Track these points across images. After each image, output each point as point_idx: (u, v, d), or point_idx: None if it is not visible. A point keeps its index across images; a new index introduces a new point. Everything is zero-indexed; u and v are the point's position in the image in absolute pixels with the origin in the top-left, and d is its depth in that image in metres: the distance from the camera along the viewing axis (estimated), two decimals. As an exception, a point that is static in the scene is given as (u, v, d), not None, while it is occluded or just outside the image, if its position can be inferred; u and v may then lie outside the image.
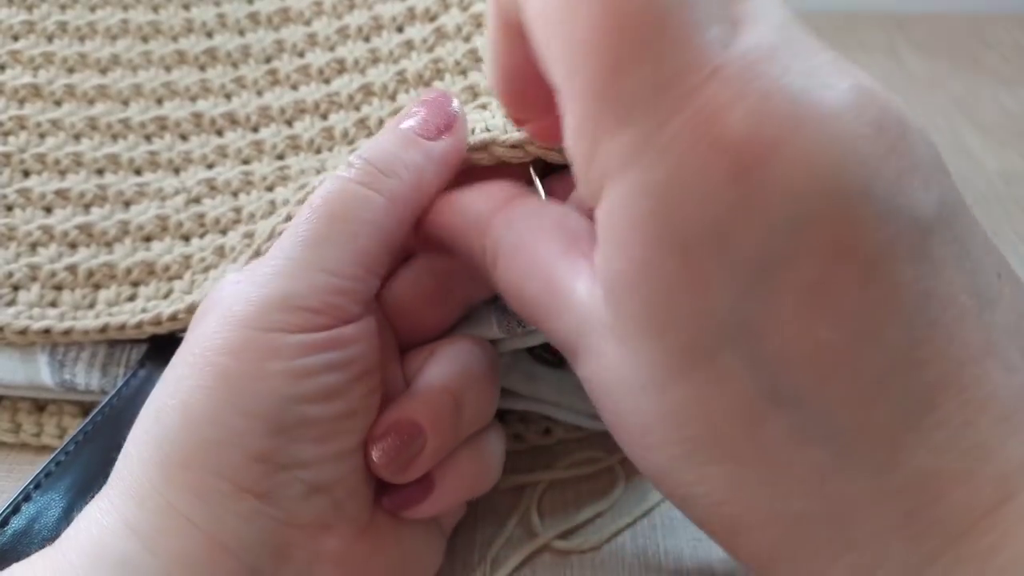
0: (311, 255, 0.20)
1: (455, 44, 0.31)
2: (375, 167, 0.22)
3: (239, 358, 0.19)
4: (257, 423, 0.19)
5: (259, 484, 0.19)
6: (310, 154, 0.31)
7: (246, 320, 0.20)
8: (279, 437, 0.19)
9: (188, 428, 0.19)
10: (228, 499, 0.19)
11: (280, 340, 0.20)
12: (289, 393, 0.19)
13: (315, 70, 0.33)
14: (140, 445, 0.20)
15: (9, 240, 0.30)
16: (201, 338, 0.20)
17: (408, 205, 0.22)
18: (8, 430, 0.30)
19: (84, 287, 0.29)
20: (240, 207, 0.30)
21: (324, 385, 0.20)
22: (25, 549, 0.22)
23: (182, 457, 0.19)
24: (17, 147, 0.32)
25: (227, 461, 0.19)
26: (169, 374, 0.20)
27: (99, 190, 0.31)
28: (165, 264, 0.29)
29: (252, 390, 0.19)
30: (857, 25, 0.60)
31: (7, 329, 0.28)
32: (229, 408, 0.19)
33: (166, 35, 0.35)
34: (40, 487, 0.24)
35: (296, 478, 0.20)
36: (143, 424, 0.20)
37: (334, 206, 0.21)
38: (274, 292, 0.20)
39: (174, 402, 0.20)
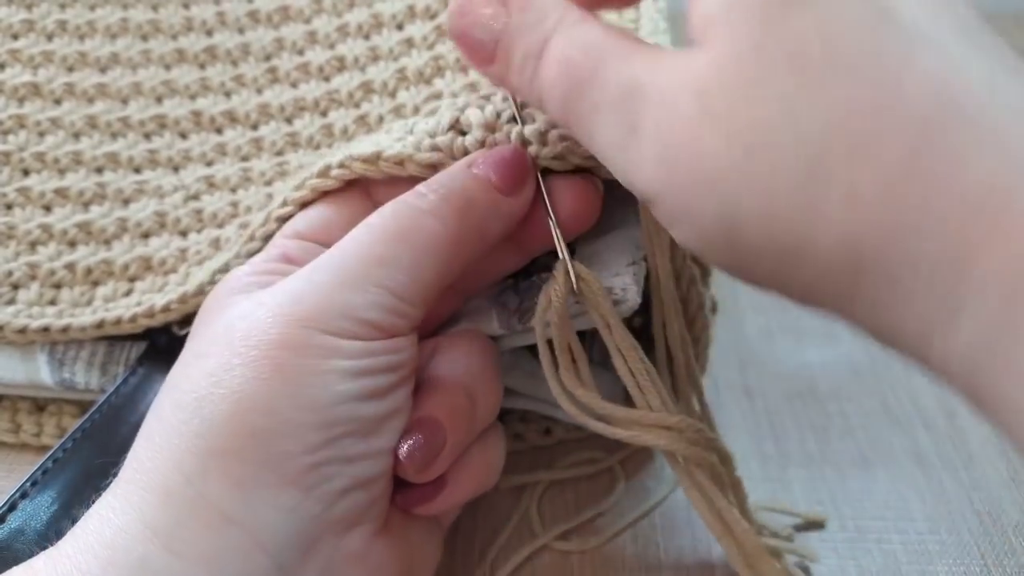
0: (377, 273, 0.21)
1: None
2: (450, 206, 0.22)
3: (298, 354, 0.20)
4: (310, 416, 0.20)
5: (305, 477, 0.19)
6: (309, 150, 0.31)
7: (307, 320, 0.20)
8: (329, 431, 0.20)
9: (238, 417, 0.19)
10: (270, 491, 0.19)
11: (339, 343, 0.20)
12: (343, 390, 0.20)
13: (315, 68, 0.33)
14: (173, 435, 0.20)
15: (9, 239, 0.30)
16: (253, 330, 0.20)
17: (471, 250, 0.22)
18: (8, 430, 0.30)
19: (83, 285, 0.29)
20: (238, 201, 0.30)
21: (376, 385, 0.21)
22: (21, 546, 0.22)
23: (228, 446, 0.19)
24: (17, 146, 0.32)
25: (276, 452, 0.19)
26: (209, 363, 0.20)
27: (98, 188, 0.31)
28: (162, 259, 0.29)
29: (307, 386, 0.20)
30: (857, 26, 0.60)
31: (7, 328, 0.28)
32: (284, 400, 0.19)
33: (166, 33, 0.35)
34: (37, 484, 0.23)
35: (340, 472, 0.20)
36: (177, 414, 0.20)
37: (403, 230, 0.22)
38: (340, 301, 0.20)
39: (223, 391, 0.19)
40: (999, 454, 0.30)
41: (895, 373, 0.34)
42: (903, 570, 0.27)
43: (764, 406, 0.32)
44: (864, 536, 0.28)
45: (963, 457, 0.30)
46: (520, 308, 0.25)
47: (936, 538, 0.28)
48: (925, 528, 0.28)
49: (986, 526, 0.28)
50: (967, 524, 0.28)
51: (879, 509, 0.29)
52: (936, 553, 0.27)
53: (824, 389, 0.33)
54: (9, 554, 0.22)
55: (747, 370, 0.34)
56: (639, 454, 0.30)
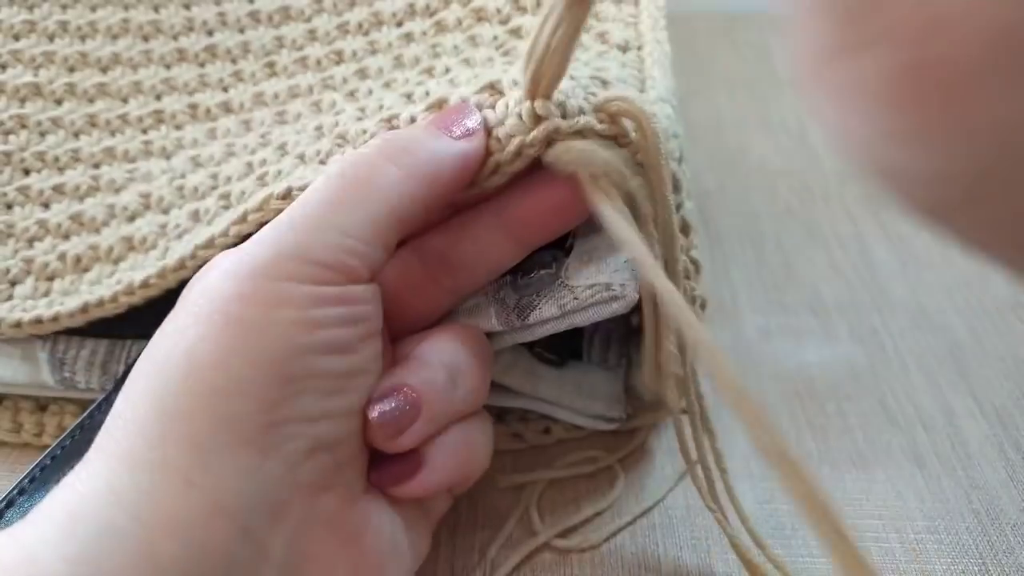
0: (325, 213, 0.21)
1: (455, 35, 0.31)
2: (397, 144, 0.22)
3: (248, 305, 0.19)
4: (265, 371, 0.19)
5: (263, 436, 0.19)
6: (295, 124, 0.31)
7: (255, 269, 0.20)
8: (287, 387, 0.19)
9: (192, 376, 0.19)
10: (230, 452, 0.18)
11: (291, 289, 0.20)
12: (298, 343, 0.19)
13: (312, 61, 0.33)
14: (136, 403, 0.19)
15: (8, 237, 0.30)
16: (206, 289, 0.20)
17: (423, 184, 0.22)
18: (10, 430, 0.30)
19: (73, 273, 0.29)
20: (218, 173, 0.30)
21: (334, 338, 0.20)
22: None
23: (185, 407, 0.19)
24: (18, 146, 0.32)
25: (233, 410, 0.19)
26: (168, 327, 0.20)
27: (93, 181, 0.31)
28: (143, 236, 0.29)
29: (261, 338, 0.19)
30: (857, 27, 0.60)
31: (3, 323, 0.28)
32: (237, 355, 0.19)
33: (167, 34, 0.35)
34: (35, 481, 0.23)
35: (301, 432, 0.19)
36: (139, 380, 0.19)
37: (353, 172, 0.22)
38: (286, 244, 0.20)
39: (178, 352, 0.19)
40: (997, 454, 0.31)
41: (893, 373, 0.34)
42: (901, 569, 0.27)
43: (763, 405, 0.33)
44: (862, 535, 0.28)
45: (961, 457, 0.30)
46: (519, 305, 0.25)
47: (934, 537, 0.28)
48: (923, 527, 0.28)
49: (984, 526, 0.28)
50: (965, 523, 0.28)
51: (877, 508, 0.29)
52: (934, 552, 0.27)
53: (822, 389, 0.33)
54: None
55: (746, 370, 0.34)
56: (639, 453, 0.30)
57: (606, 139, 0.23)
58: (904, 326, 0.36)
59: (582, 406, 0.29)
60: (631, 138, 0.23)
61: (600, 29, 0.28)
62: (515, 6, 0.31)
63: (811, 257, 0.40)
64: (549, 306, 0.24)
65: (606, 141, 0.23)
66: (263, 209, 0.25)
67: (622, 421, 0.30)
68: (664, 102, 0.25)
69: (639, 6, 0.29)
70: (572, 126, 0.22)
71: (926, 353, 0.35)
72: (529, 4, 0.30)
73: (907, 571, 0.27)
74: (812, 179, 0.45)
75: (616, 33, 0.28)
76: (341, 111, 0.30)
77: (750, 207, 0.43)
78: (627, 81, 0.25)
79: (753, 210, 0.43)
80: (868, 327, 0.36)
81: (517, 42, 0.29)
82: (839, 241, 0.41)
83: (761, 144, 0.48)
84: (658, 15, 0.29)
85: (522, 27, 0.30)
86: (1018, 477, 0.30)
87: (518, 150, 0.23)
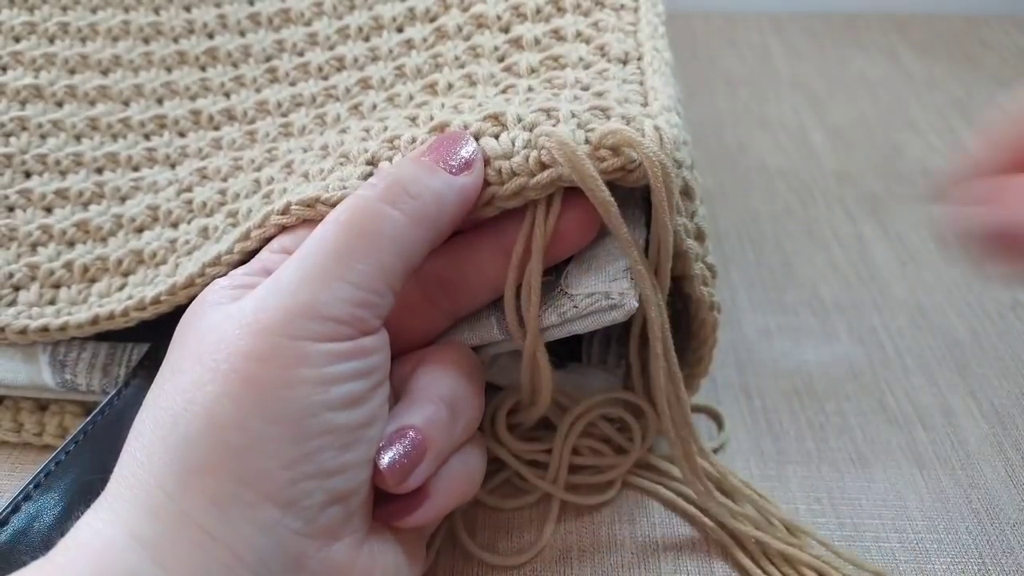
0: (337, 267, 0.21)
1: (455, 43, 0.31)
2: (400, 187, 0.22)
3: (267, 364, 0.19)
4: (285, 429, 0.19)
5: (283, 493, 0.19)
6: (300, 138, 0.31)
7: (272, 327, 0.20)
8: (305, 444, 0.19)
9: (212, 434, 0.19)
10: (249, 508, 0.19)
11: (308, 348, 0.20)
12: (315, 400, 0.20)
13: (314, 67, 0.33)
14: (153, 452, 0.19)
15: (10, 241, 0.30)
16: (222, 344, 0.20)
17: (428, 227, 0.22)
18: (10, 430, 0.30)
19: (80, 283, 0.29)
20: (226, 188, 0.30)
21: (348, 392, 0.20)
22: (25, 548, 0.22)
23: (204, 463, 0.19)
24: (19, 148, 0.32)
25: (252, 468, 0.19)
26: (183, 379, 0.20)
27: (97, 188, 0.31)
28: (152, 251, 0.29)
29: (280, 397, 0.19)
30: (857, 25, 0.60)
31: (8, 329, 0.28)
32: (256, 414, 0.19)
33: (167, 36, 0.35)
34: (40, 486, 0.24)
35: (318, 487, 0.20)
36: (156, 431, 0.19)
37: (359, 221, 0.21)
38: (301, 301, 0.20)
39: (196, 408, 0.19)
40: (996, 453, 0.31)
41: (893, 372, 0.34)
42: (901, 568, 0.27)
43: (762, 405, 0.33)
44: (862, 535, 0.28)
45: (960, 456, 0.31)
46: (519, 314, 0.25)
47: (934, 537, 0.28)
48: (923, 527, 0.28)
49: (984, 525, 0.28)
50: (964, 523, 0.28)
51: (876, 508, 0.29)
52: (934, 552, 0.27)
53: (822, 388, 0.33)
54: (12, 556, 0.22)
55: (746, 369, 0.34)
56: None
57: (614, 173, 0.23)
58: (904, 326, 0.36)
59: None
60: (637, 162, 0.23)
61: (600, 41, 0.28)
62: (515, 13, 0.30)
63: (811, 257, 0.40)
64: (549, 314, 0.24)
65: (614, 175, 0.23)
66: (264, 226, 0.25)
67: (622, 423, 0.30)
68: (669, 111, 0.25)
69: (638, 13, 0.29)
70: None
71: (926, 353, 0.35)
72: (528, 11, 0.30)
73: (907, 571, 0.27)
74: (812, 179, 0.45)
75: (616, 46, 0.28)
76: (346, 128, 0.30)
77: (750, 207, 0.43)
78: (629, 99, 0.25)
79: (753, 210, 0.43)
80: (868, 327, 0.36)
81: (519, 55, 0.29)
82: (839, 241, 0.41)
83: (761, 144, 0.48)
84: (657, 22, 0.29)
85: (522, 37, 0.29)
86: (1018, 477, 0.30)
87: (519, 190, 0.23)
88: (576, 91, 0.26)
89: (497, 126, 0.24)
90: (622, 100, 0.25)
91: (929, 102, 0.51)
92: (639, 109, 0.24)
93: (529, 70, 0.28)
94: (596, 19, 0.29)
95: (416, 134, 0.25)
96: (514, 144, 0.23)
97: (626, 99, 0.25)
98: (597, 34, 0.29)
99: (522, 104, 0.25)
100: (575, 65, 0.28)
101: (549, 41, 0.29)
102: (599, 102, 0.24)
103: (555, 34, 0.29)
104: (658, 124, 0.23)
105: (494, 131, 0.24)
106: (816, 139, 0.48)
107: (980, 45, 0.58)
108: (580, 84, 0.26)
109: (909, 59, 0.56)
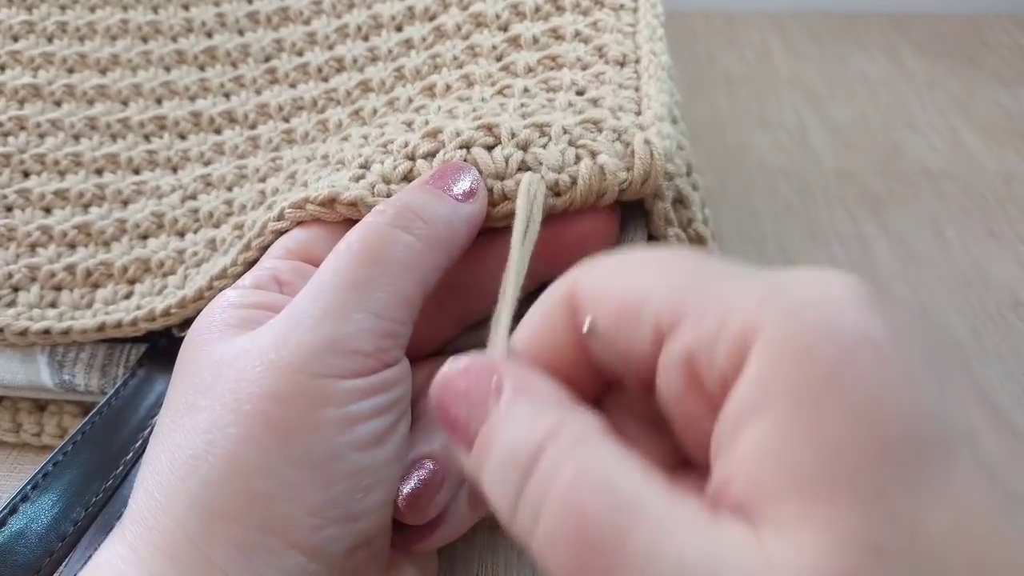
0: (356, 297, 0.20)
1: (454, 42, 0.31)
2: (411, 212, 0.22)
3: (290, 407, 0.19)
4: (310, 475, 0.19)
5: (308, 540, 0.18)
6: (303, 145, 0.31)
7: (294, 365, 0.19)
8: (331, 489, 0.19)
9: (236, 480, 0.18)
10: (275, 556, 0.18)
11: (332, 386, 0.19)
12: (341, 441, 0.19)
13: (314, 68, 0.33)
14: (173, 494, 0.19)
15: (9, 241, 0.30)
16: (243, 383, 0.19)
17: (443, 252, 0.22)
18: (9, 430, 0.30)
19: (83, 287, 0.29)
20: (232, 199, 0.30)
21: (373, 431, 0.20)
22: (22, 549, 0.22)
23: (228, 510, 0.18)
24: (17, 148, 0.32)
25: (278, 515, 0.18)
26: (201, 418, 0.19)
27: (97, 189, 0.31)
28: (160, 260, 0.29)
29: (305, 440, 0.19)
30: (857, 25, 0.60)
31: (7, 330, 0.28)
32: (281, 460, 0.18)
33: (166, 35, 0.35)
34: (38, 487, 0.23)
35: (344, 532, 0.19)
36: (175, 471, 0.19)
37: (374, 248, 0.21)
38: (323, 335, 0.19)
39: (218, 451, 0.18)
40: (997, 454, 0.30)
41: (894, 373, 0.34)
42: (902, 570, 0.27)
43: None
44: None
45: (962, 457, 0.30)
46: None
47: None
48: (924, 528, 0.28)
49: (984, 526, 0.28)
50: (965, 524, 0.28)
51: (878, 509, 0.29)
52: (934, 553, 0.27)
53: (823, 389, 0.33)
54: (10, 557, 0.22)
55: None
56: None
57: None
58: (904, 326, 0.36)
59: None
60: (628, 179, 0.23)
61: (598, 42, 0.28)
62: (514, 12, 0.30)
63: (812, 257, 0.40)
64: None
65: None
66: (263, 234, 0.25)
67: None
68: (662, 120, 0.24)
69: (637, 14, 0.29)
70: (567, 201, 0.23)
71: (926, 353, 0.35)
72: (527, 10, 0.30)
73: (907, 572, 0.27)
74: (812, 179, 0.45)
75: (614, 47, 0.28)
76: (348, 136, 0.30)
77: (750, 207, 0.43)
78: (624, 107, 0.25)
79: (753, 210, 0.43)
80: (868, 327, 0.36)
81: (516, 54, 0.29)
82: (840, 241, 0.41)
83: (761, 143, 0.48)
84: (656, 23, 0.29)
85: (520, 36, 0.29)
86: (1018, 477, 0.30)
87: (509, 213, 0.23)
88: (571, 95, 0.26)
89: (490, 137, 0.24)
90: (616, 108, 0.25)
91: (930, 101, 0.51)
92: (632, 119, 0.24)
93: (526, 69, 0.28)
94: (595, 19, 0.29)
95: (410, 139, 0.25)
96: (507, 163, 0.23)
97: (620, 107, 0.25)
98: (596, 34, 0.28)
99: (516, 110, 0.25)
100: (572, 65, 0.28)
101: (547, 40, 0.29)
102: (592, 114, 0.24)
103: (553, 33, 0.29)
104: (649, 137, 0.23)
105: (487, 142, 0.24)
106: (817, 138, 0.48)
107: (981, 44, 0.58)
108: (576, 87, 0.26)
109: (910, 58, 0.56)
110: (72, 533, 0.23)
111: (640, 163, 0.23)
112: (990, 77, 0.54)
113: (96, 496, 0.21)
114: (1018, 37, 0.58)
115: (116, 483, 0.24)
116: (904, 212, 0.43)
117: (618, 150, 0.23)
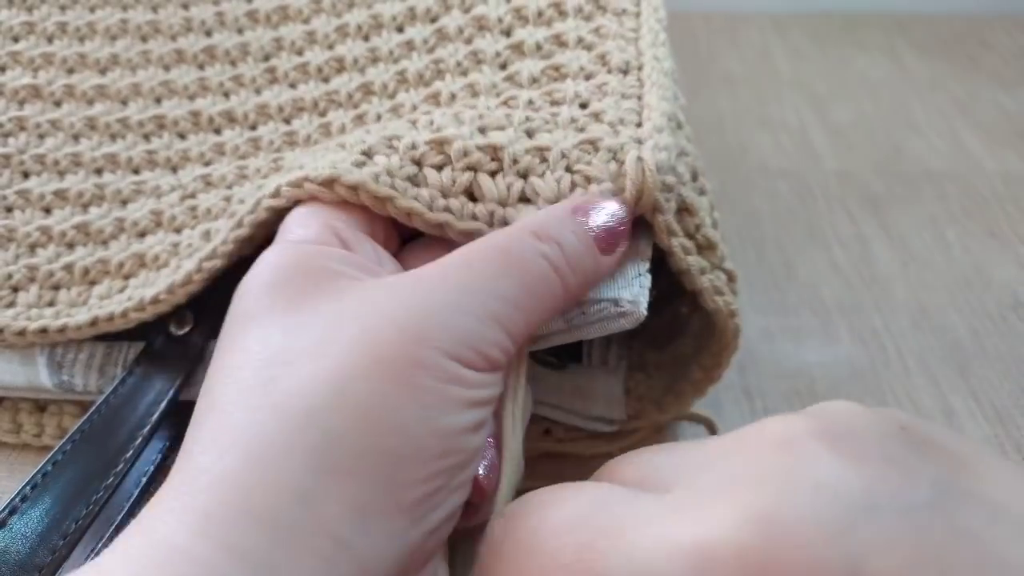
0: (497, 308, 0.21)
1: (456, 46, 0.31)
2: (567, 261, 0.22)
3: (429, 375, 0.19)
4: (435, 442, 0.19)
5: (419, 506, 0.19)
6: (305, 148, 0.31)
7: (434, 340, 0.19)
8: (446, 459, 0.19)
9: (367, 436, 0.18)
10: (388, 518, 0.18)
11: (459, 370, 0.20)
12: (463, 419, 0.20)
13: (313, 68, 0.33)
14: (278, 448, 0.17)
15: (9, 241, 0.30)
16: (382, 341, 0.19)
17: (570, 305, 0.23)
18: (9, 431, 0.30)
19: (80, 285, 0.29)
20: (231, 196, 0.30)
21: (478, 418, 0.20)
22: (23, 549, 0.22)
23: (353, 466, 0.18)
24: (17, 148, 0.32)
25: (401, 477, 0.18)
26: (323, 365, 0.19)
27: (97, 189, 0.31)
28: (155, 254, 0.29)
29: (437, 408, 0.19)
30: (857, 25, 0.60)
31: (6, 331, 0.28)
32: (415, 422, 0.19)
33: (165, 34, 0.35)
34: (37, 487, 0.23)
35: (442, 502, 0.19)
36: (286, 422, 0.18)
37: (532, 281, 0.21)
38: (461, 327, 0.20)
39: (348, 403, 0.18)
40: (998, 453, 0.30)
41: (894, 373, 0.34)
42: (902, 570, 0.27)
43: (763, 407, 0.32)
44: (863, 536, 0.28)
45: (962, 457, 0.30)
46: None
47: (935, 538, 0.28)
48: (924, 528, 0.28)
49: (985, 526, 0.28)
50: (966, 524, 0.28)
51: (878, 509, 0.29)
52: (935, 553, 0.27)
53: (823, 389, 0.33)
54: (11, 557, 0.22)
55: (747, 371, 0.34)
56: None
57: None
58: (904, 326, 0.36)
59: (582, 408, 0.29)
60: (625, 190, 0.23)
61: (601, 50, 0.28)
62: (516, 15, 0.30)
63: (812, 258, 0.40)
64: (556, 320, 0.24)
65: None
66: (256, 211, 0.25)
67: (622, 423, 0.30)
68: (661, 131, 0.24)
69: (640, 18, 0.29)
70: None
71: (926, 353, 0.35)
72: (530, 14, 0.30)
73: (908, 572, 0.27)
74: (813, 179, 0.45)
75: (616, 55, 0.28)
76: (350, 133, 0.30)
77: (751, 207, 0.43)
78: (624, 119, 0.25)
79: (753, 210, 0.43)
80: (868, 327, 0.36)
81: (520, 63, 0.29)
82: (840, 242, 0.41)
83: (762, 144, 0.48)
84: (659, 28, 0.29)
85: (524, 43, 0.29)
86: (1019, 478, 0.30)
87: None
88: (574, 109, 0.26)
89: (494, 162, 0.24)
90: (616, 122, 0.25)
91: (930, 102, 0.51)
92: (631, 132, 0.25)
93: (531, 80, 0.28)
94: (597, 24, 0.29)
95: (416, 139, 0.25)
96: (509, 191, 0.24)
97: (621, 120, 0.25)
98: (599, 41, 0.28)
99: (521, 124, 0.25)
100: (576, 75, 0.28)
101: (551, 48, 0.29)
102: (592, 132, 0.25)
103: (556, 39, 0.29)
104: (642, 155, 0.23)
105: (491, 168, 0.24)
106: (817, 139, 0.48)
107: (981, 45, 0.58)
108: (579, 100, 0.27)
109: (910, 59, 0.56)
110: (74, 532, 0.23)
111: (631, 184, 0.23)
112: (990, 78, 0.54)
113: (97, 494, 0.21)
114: (1018, 37, 0.58)
115: (117, 480, 0.24)
116: (904, 213, 0.43)
117: (612, 170, 0.24)
